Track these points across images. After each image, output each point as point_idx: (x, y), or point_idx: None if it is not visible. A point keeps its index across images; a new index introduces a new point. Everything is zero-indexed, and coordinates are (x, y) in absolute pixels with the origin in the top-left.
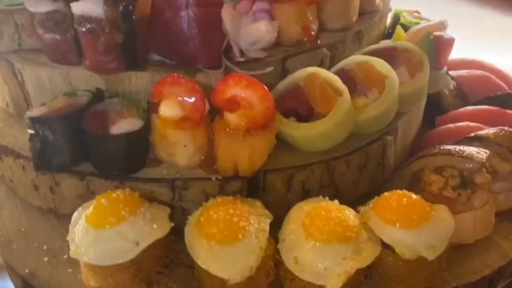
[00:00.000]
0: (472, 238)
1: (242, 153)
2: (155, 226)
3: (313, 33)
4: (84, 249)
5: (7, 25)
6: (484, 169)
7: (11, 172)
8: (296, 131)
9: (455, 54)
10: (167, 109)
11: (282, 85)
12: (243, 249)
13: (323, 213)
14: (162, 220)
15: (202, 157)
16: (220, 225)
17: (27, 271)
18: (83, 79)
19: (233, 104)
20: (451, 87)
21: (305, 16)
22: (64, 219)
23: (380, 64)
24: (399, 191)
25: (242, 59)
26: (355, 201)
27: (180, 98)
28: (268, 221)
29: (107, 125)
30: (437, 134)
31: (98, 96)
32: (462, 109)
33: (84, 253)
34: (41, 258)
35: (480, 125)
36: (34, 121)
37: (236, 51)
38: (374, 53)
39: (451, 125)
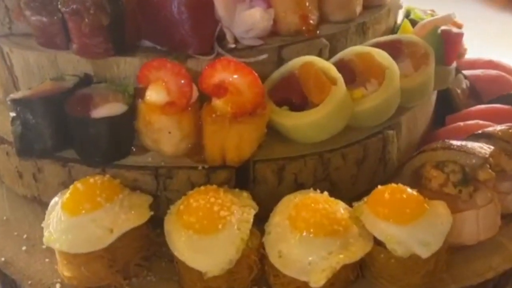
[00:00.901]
0: (475, 239)
1: (229, 141)
2: (132, 214)
3: (312, 22)
4: (57, 236)
5: None
6: (488, 166)
7: None
8: (288, 120)
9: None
10: (153, 94)
11: (277, 73)
12: (222, 240)
13: (310, 204)
14: (141, 208)
15: (190, 145)
16: (199, 214)
17: (2, 259)
18: (71, 64)
19: (221, 89)
20: (464, 86)
21: (304, 5)
22: (48, 207)
23: (381, 55)
24: (393, 185)
25: (233, 46)
26: (355, 198)
27: (166, 83)
28: (253, 212)
29: (89, 109)
30: (446, 132)
31: (85, 81)
32: (473, 108)
33: (56, 240)
34: (19, 247)
35: (491, 124)
36: (16, 103)
37: (229, 37)
38: (378, 46)
39: (460, 123)
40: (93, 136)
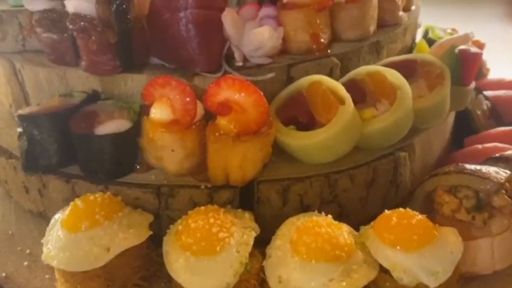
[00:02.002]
0: (490, 268)
1: (233, 160)
2: (131, 232)
3: (323, 41)
4: (55, 253)
5: (11, 26)
6: (504, 191)
7: (5, 173)
8: (294, 139)
9: None
10: (157, 111)
11: (285, 92)
12: (220, 263)
13: (312, 228)
14: (140, 227)
15: (194, 164)
16: (197, 235)
17: (3, 274)
18: (80, 81)
19: (225, 108)
20: (484, 107)
21: (315, 24)
22: None
23: (393, 75)
24: (401, 210)
25: (240, 64)
26: (365, 222)
27: (170, 100)
28: (254, 234)
29: (93, 125)
30: (463, 154)
31: (93, 97)
32: (492, 130)
33: (54, 257)
34: (21, 262)
35: (510, 147)
36: (22, 119)
37: (237, 56)
38: (391, 65)
39: (478, 146)
40: (97, 152)
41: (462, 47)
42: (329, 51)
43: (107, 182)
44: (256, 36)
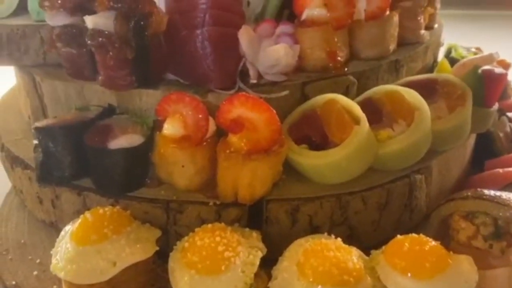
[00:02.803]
0: None
1: (242, 178)
2: (137, 247)
3: (339, 59)
4: (62, 265)
5: (33, 40)
6: None
7: (20, 183)
8: (306, 159)
9: None
10: (170, 127)
11: (299, 110)
12: (225, 283)
13: (320, 251)
14: (148, 242)
15: (204, 180)
16: (203, 253)
17: (13, 282)
18: (96, 95)
19: (237, 125)
20: (508, 129)
21: (332, 42)
22: None
23: (411, 95)
24: (414, 235)
25: (254, 81)
26: (377, 246)
27: (183, 117)
28: (260, 254)
29: (107, 139)
30: (482, 178)
31: (108, 111)
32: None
33: (62, 269)
34: (31, 271)
35: None
36: (38, 131)
37: (252, 73)
38: (411, 85)
39: (499, 170)
40: (109, 166)
41: (485, 67)
42: (346, 69)
43: (117, 196)
44: (272, 54)
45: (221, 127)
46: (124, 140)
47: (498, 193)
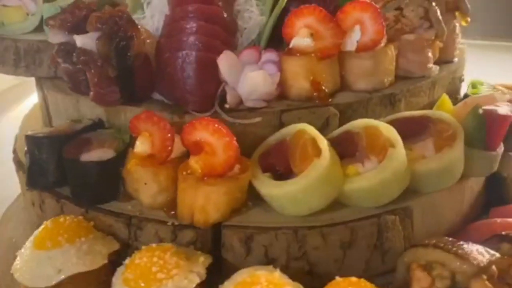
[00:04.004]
0: None
1: (197, 201)
2: (86, 258)
3: (324, 89)
4: (19, 267)
5: (46, 54)
6: (485, 277)
7: (21, 186)
8: (265, 188)
9: None
10: (139, 144)
11: (272, 138)
12: None
13: (248, 284)
14: (98, 255)
15: (167, 199)
16: (138, 272)
17: None
18: (89, 109)
19: (197, 147)
20: None
21: (316, 72)
22: None
23: (389, 132)
24: (353, 279)
25: (228, 106)
26: None
27: (151, 135)
28: (197, 280)
29: (81, 152)
30: (477, 227)
31: (97, 125)
32: None
33: (17, 270)
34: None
35: None
36: (27, 139)
37: (229, 98)
38: (404, 121)
39: (497, 219)
40: (81, 178)
41: (488, 107)
42: (330, 100)
43: (88, 207)
44: (250, 80)
45: (186, 148)
46: (97, 154)
47: (462, 243)
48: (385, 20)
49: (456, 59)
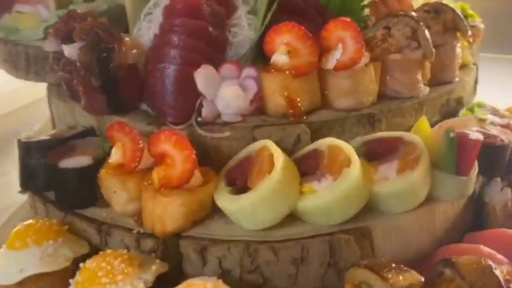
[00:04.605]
0: None
1: (155, 212)
2: (48, 260)
3: (300, 106)
4: None
5: None
6: None
7: None
8: (221, 201)
9: None
10: (113, 153)
11: (241, 153)
12: None
13: None
14: (62, 257)
15: (137, 208)
16: (86, 275)
17: None
18: (83, 117)
19: (161, 159)
20: (510, 204)
21: (291, 89)
22: None
23: (349, 152)
24: None
25: (199, 119)
26: None
27: (123, 145)
28: (142, 287)
29: (61, 158)
30: (444, 252)
31: (88, 132)
32: (493, 230)
33: None
34: None
35: (495, 254)
36: (18, 143)
37: (204, 111)
38: (378, 141)
39: (464, 245)
40: (59, 183)
41: (460, 131)
42: (305, 117)
43: (67, 211)
44: (224, 94)
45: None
46: (76, 161)
47: (394, 265)
48: (373, 39)
49: (456, 80)
